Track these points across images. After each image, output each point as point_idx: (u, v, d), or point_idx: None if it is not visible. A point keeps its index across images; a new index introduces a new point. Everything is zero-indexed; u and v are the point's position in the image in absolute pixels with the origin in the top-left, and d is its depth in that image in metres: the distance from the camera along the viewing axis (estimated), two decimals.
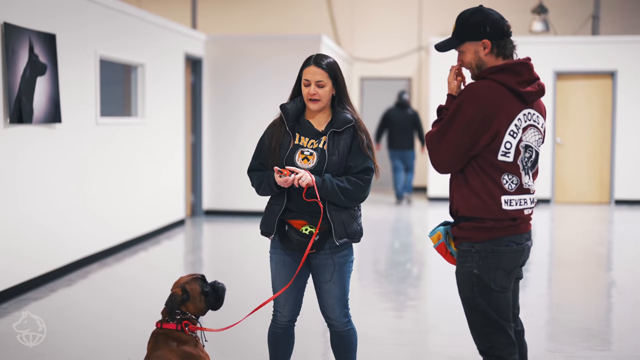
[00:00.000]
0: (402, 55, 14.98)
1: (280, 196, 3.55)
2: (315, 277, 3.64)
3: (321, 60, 3.54)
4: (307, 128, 3.57)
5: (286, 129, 3.56)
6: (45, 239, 6.78)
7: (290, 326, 3.73)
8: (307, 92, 3.53)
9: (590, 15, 14.05)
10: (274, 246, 3.63)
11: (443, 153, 3.10)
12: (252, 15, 15.22)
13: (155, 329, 3.36)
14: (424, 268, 7.88)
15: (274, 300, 3.69)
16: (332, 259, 3.56)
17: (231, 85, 11.02)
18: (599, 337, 5.34)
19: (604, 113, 12.90)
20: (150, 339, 3.35)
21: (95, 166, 7.73)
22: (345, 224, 3.51)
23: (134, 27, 8.69)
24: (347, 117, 3.55)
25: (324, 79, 3.52)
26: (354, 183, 3.48)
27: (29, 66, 6.32)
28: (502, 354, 3.11)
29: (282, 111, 3.59)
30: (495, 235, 3.08)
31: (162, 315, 3.37)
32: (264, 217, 3.62)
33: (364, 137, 3.56)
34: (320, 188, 3.42)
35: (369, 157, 3.54)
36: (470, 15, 3.14)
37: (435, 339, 5.45)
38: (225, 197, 11.05)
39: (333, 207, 3.49)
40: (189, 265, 8.15)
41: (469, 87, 3.09)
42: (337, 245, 3.54)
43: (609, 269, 7.87)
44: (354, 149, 3.53)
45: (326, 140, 3.53)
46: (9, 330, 5.31)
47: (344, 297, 3.64)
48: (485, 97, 3.03)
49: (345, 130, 3.54)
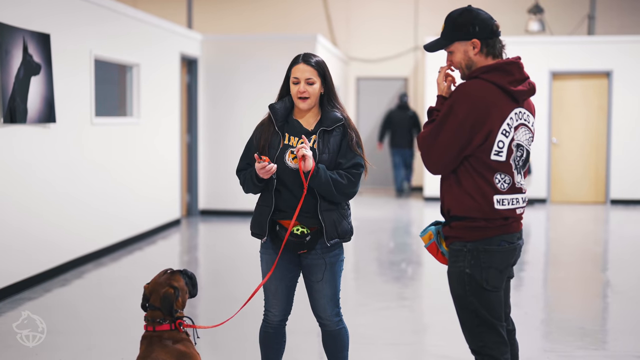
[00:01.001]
0: (398, 55, 14.98)
1: (269, 196, 3.53)
2: (307, 277, 3.63)
3: (310, 58, 3.55)
4: (297, 128, 3.57)
5: (275, 128, 3.56)
6: (40, 239, 6.77)
7: (281, 325, 3.73)
8: (296, 90, 3.53)
9: (586, 15, 14.06)
10: (265, 246, 3.63)
11: (436, 154, 3.09)
12: (248, 16, 15.21)
13: (147, 332, 3.27)
14: (419, 268, 7.88)
15: (265, 301, 3.68)
16: (324, 259, 3.56)
17: (227, 85, 11.01)
18: (594, 337, 5.34)
19: (600, 113, 12.91)
20: (143, 341, 3.26)
21: (90, 166, 7.72)
22: (336, 224, 3.52)
23: (129, 27, 8.68)
24: (336, 115, 3.56)
25: (313, 77, 3.52)
26: (345, 177, 3.49)
27: (23, 66, 6.31)
28: (494, 353, 3.11)
29: (271, 111, 3.59)
30: (487, 235, 3.08)
31: (148, 318, 3.28)
32: (254, 219, 3.62)
33: (353, 135, 3.57)
34: (314, 176, 3.41)
35: (358, 154, 3.55)
36: (459, 15, 3.14)
37: (430, 338, 5.45)
38: (221, 197, 11.05)
39: (324, 207, 3.49)
40: (185, 265, 8.14)
41: (461, 87, 3.09)
42: (329, 245, 3.54)
43: (604, 269, 7.87)
44: (343, 146, 3.54)
45: (316, 139, 3.52)
46: (3, 329, 5.30)
47: (335, 296, 3.64)
48: (478, 97, 3.03)
49: (335, 129, 3.55)
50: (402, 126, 13.77)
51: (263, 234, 3.55)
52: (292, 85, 3.56)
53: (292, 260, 3.60)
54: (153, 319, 3.28)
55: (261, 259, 3.66)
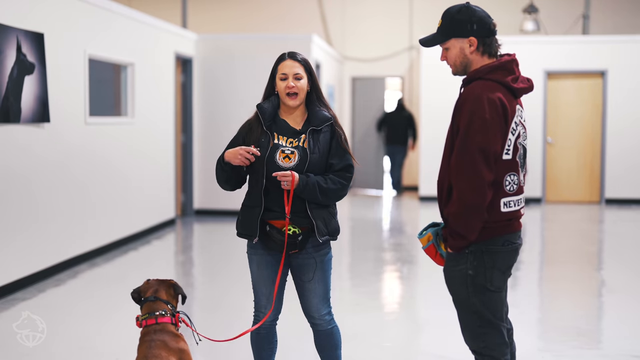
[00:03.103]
0: (393, 54, 14.98)
1: (258, 196, 3.51)
2: (298, 277, 3.62)
3: (296, 55, 3.58)
4: (284, 127, 3.56)
5: (263, 128, 3.55)
6: (34, 239, 6.75)
7: (272, 326, 3.72)
8: (284, 86, 3.53)
9: (580, 14, 14.08)
10: (254, 247, 3.60)
11: (472, 166, 2.93)
12: (243, 15, 15.19)
13: (148, 327, 3.19)
14: (414, 267, 7.87)
15: (256, 302, 3.66)
16: (314, 258, 3.56)
17: (222, 84, 10.99)
18: (589, 336, 5.34)
19: (595, 112, 12.93)
20: (144, 338, 3.18)
21: (84, 166, 7.69)
22: (326, 222, 3.54)
23: (124, 26, 8.65)
24: (325, 114, 3.56)
25: (301, 72, 3.53)
26: (337, 182, 3.50)
27: (17, 65, 6.29)
28: (495, 354, 3.10)
29: (259, 110, 3.58)
30: (491, 235, 3.04)
31: (148, 311, 3.24)
32: (242, 220, 3.58)
33: (342, 134, 3.59)
34: (301, 191, 3.43)
35: (348, 152, 3.57)
36: (457, 12, 3.12)
37: (425, 338, 5.44)
38: (216, 196, 11.02)
39: (314, 206, 3.50)
40: (179, 265, 8.13)
41: (472, 92, 3.01)
42: (319, 243, 3.55)
43: (599, 268, 7.88)
44: (334, 146, 3.55)
45: (306, 138, 3.52)
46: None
47: (327, 295, 3.64)
48: (494, 97, 2.98)
49: (324, 128, 3.56)
50: (397, 126, 14.15)
51: (254, 234, 3.52)
52: (279, 82, 3.55)
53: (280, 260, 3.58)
54: (154, 311, 3.24)
55: (250, 259, 3.63)
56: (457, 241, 3.02)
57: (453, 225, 3.00)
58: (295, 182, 3.41)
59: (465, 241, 3.01)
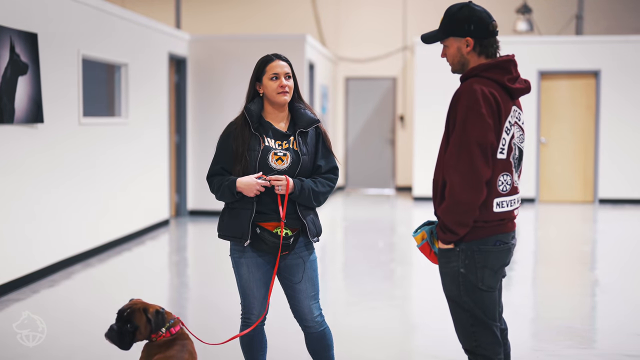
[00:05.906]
0: (387, 55, 14.99)
1: (248, 199, 3.49)
2: (287, 278, 3.60)
3: (282, 56, 3.61)
4: (271, 129, 3.57)
5: (252, 131, 3.54)
6: (28, 240, 6.73)
7: (261, 327, 3.71)
8: (277, 86, 3.52)
9: (574, 15, 14.12)
10: (243, 250, 3.54)
11: (470, 162, 2.92)
12: (237, 15, 15.18)
13: (152, 341, 3.32)
14: (409, 267, 7.88)
15: (245, 305, 3.63)
16: (302, 258, 3.57)
17: (215, 85, 10.98)
18: (583, 336, 5.36)
19: (588, 112, 12.96)
20: (178, 341, 3.32)
21: (78, 166, 7.68)
22: (314, 222, 3.59)
23: (118, 26, 8.64)
24: (311, 116, 3.59)
25: (290, 72, 3.57)
26: (326, 184, 3.55)
27: (10, 66, 6.27)
28: (488, 353, 3.10)
29: (247, 113, 3.56)
30: (482, 235, 3.04)
31: (150, 338, 3.32)
32: (230, 223, 3.54)
33: (327, 135, 3.64)
34: (297, 196, 3.45)
35: (332, 154, 3.63)
36: (458, 11, 3.11)
37: (419, 338, 5.44)
38: (210, 197, 10.99)
39: (303, 207, 3.52)
40: (173, 265, 8.12)
41: (466, 88, 3.01)
42: (308, 243, 3.58)
43: (592, 268, 7.90)
44: (321, 147, 3.58)
45: (295, 140, 3.54)
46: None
47: (317, 295, 3.63)
48: (488, 93, 2.98)
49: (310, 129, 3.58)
50: None
51: (245, 237, 3.48)
52: (269, 83, 3.53)
53: (271, 262, 3.57)
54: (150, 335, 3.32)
55: (238, 263, 3.57)
56: (446, 235, 3.03)
57: (444, 219, 3.02)
58: (290, 188, 3.42)
59: (455, 236, 3.01)
